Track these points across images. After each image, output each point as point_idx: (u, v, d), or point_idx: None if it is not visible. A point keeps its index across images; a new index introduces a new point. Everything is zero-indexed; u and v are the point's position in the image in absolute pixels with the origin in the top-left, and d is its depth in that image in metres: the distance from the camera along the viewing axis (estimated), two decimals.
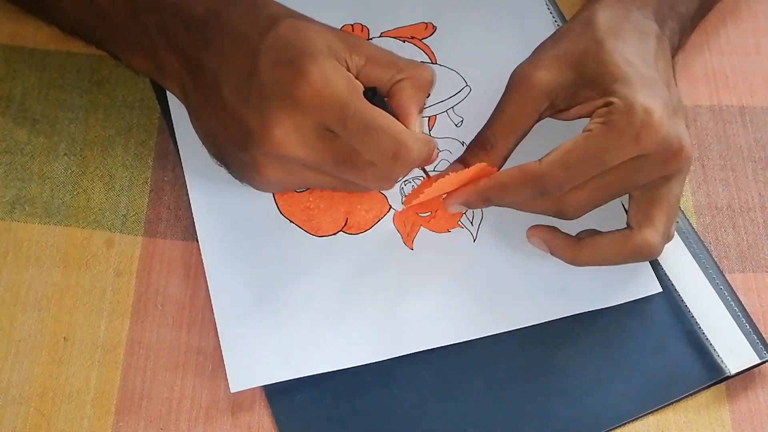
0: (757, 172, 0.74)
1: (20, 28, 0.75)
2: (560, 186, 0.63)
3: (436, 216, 0.69)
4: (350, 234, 0.69)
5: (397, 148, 0.60)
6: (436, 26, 0.75)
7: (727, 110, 0.76)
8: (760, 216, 0.72)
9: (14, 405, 0.64)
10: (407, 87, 0.64)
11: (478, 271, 0.68)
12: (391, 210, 0.70)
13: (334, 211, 0.69)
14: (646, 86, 0.63)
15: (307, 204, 0.69)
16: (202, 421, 0.64)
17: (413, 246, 0.69)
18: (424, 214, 0.69)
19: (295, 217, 0.69)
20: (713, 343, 0.67)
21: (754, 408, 0.66)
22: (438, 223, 0.69)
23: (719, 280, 0.69)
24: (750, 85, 0.77)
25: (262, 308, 0.66)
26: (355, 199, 0.69)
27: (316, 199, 0.69)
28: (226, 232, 0.68)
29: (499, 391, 0.65)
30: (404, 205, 0.69)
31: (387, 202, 0.70)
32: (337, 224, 0.69)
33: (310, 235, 0.68)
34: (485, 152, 0.66)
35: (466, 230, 0.69)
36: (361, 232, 0.69)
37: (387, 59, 0.64)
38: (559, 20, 0.76)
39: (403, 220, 0.69)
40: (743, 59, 0.78)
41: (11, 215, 0.69)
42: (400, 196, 0.70)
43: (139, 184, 0.71)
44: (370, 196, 0.70)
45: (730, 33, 0.79)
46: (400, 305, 0.67)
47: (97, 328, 0.66)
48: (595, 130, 0.62)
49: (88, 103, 0.73)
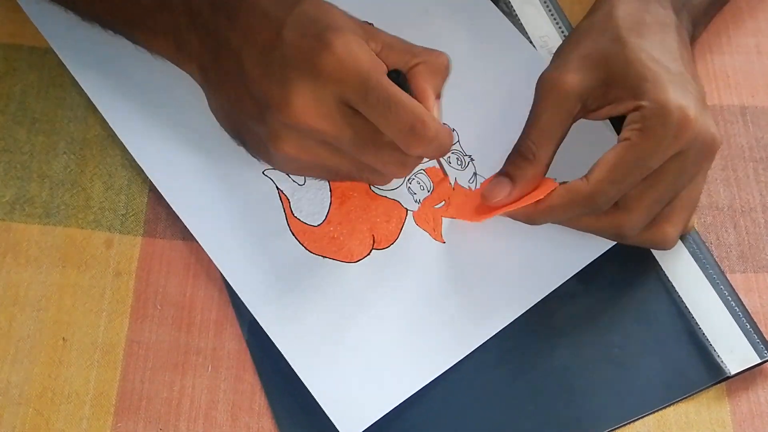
0: (759, 172, 0.74)
1: (20, 26, 0.75)
2: (610, 201, 0.63)
3: (450, 203, 0.70)
4: (382, 249, 0.68)
5: (414, 122, 0.59)
6: None
7: (728, 110, 0.76)
8: (761, 216, 0.72)
9: (13, 405, 0.64)
10: (424, 71, 0.64)
11: (507, 244, 0.69)
12: (408, 213, 0.70)
13: (358, 232, 0.68)
14: (675, 83, 0.63)
15: (331, 234, 0.68)
16: (202, 421, 0.64)
17: (444, 239, 0.69)
18: (439, 206, 0.70)
19: (325, 251, 0.68)
20: (713, 343, 0.67)
21: (754, 408, 0.66)
22: (456, 208, 0.70)
23: (719, 279, 0.69)
24: (751, 85, 0.77)
25: (336, 351, 0.65)
26: (373, 214, 0.69)
27: (336, 227, 0.68)
28: (266, 287, 0.66)
29: (500, 391, 0.65)
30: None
31: (402, 205, 0.70)
32: (367, 244, 0.68)
33: (347, 263, 0.68)
34: (528, 162, 0.65)
35: None
36: (392, 244, 0.68)
37: (402, 45, 0.64)
38: (557, 14, 0.76)
39: (423, 217, 0.69)
40: (744, 59, 0.78)
41: (11, 215, 0.69)
42: (411, 197, 0.70)
43: (139, 184, 0.70)
44: (385, 207, 0.69)
45: (730, 33, 0.79)
46: (455, 300, 0.67)
47: (96, 329, 0.66)
48: (634, 138, 0.62)
49: (88, 102, 0.73)
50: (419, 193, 0.70)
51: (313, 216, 0.69)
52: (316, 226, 0.69)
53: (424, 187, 0.70)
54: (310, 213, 0.69)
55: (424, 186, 0.70)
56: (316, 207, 0.69)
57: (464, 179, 0.70)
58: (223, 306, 0.67)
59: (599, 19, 0.67)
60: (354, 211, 0.69)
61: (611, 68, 0.64)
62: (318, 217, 0.69)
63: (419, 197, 0.70)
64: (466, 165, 0.71)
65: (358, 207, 0.69)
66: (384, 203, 0.70)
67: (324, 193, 0.70)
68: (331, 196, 0.70)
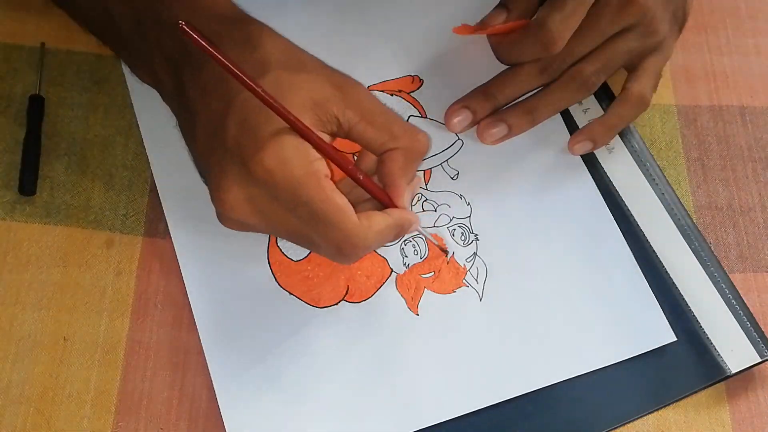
0: (758, 172, 0.74)
1: (20, 26, 0.75)
2: (559, 37, 0.67)
3: (439, 276, 0.68)
4: (353, 303, 0.67)
5: (340, 244, 0.58)
6: (423, 79, 0.74)
7: (727, 110, 0.76)
8: (761, 216, 0.72)
9: (14, 405, 0.64)
10: (399, 158, 0.61)
11: (487, 332, 0.66)
12: (392, 274, 0.68)
13: (333, 279, 0.67)
14: None
15: (306, 274, 0.67)
16: (202, 421, 0.64)
17: (419, 311, 0.67)
18: (427, 275, 0.68)
19: (294, 288, 0.67)
20: (713, 341, 0.67)
21: (754, 408, 0.66)
22: (442, 283, 0.68)
23: (721, 278, 0.69)
24: (750, 85, 0.77)
25: (265, 386, 0.64)
26: (355, 266, 0.67)
27: (314, 267, 0.67)
28: (223, 307, 0.66)
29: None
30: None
31: (388, 265, 0.68)
32: (338, 293, 0.67)
33: (312, 307, 0.66)
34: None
35: (471, 289, 0.67)
36: (364, 300, 0.67)
37: (382, 121, 0.61)
38: None
39: (406, 283, 0.67)
40: (743, 59, 0.78)
41: (11, 215, 0.69)
42: (401, 258, 0.68)
43: (139, 184, 0.70)
44: (370, 261, 0.68)
45: (729, 33, 0.79)
46: (410, 376, 0.64)
47: (97, 328, 0.66)
48: None
49: (88, 102, 0.73)
50: (411, 257, 0.68)
51: (295, 250, 0.67)
52: (294, 261, 0.67)
53: (418, 252, 0.68)
54: (293, 246, 0.65)
55: (419, 252, 0.68)
56: None
57: (462, 256, 0.68)
58: None
59: None
60: None
61: None
62: (299, 252, 0.67)
63: (409, 262, 0.68)
64: (469, 242, 0.69)
65: None
66: (370, 258, 0.68)
67: None
68: None
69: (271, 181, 0.56)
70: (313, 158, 0.58)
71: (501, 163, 0.71)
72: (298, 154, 0.57)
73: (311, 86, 0.59)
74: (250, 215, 0.59)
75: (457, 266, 0.68)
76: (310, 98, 0.59)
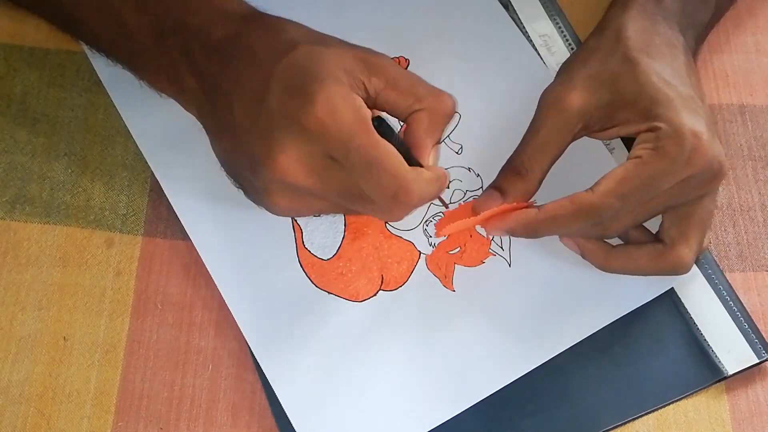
0: (757, 171, 0.74)
1: (20, 26, 0.75)
2: (615, 215, 0.62)
3: (466, 250, 0.68)
4: (390, 291, 0.67)
5: (397, 190, 0.58)
6: (408, 59, 0.74)
7: (727, 109, 0.76)
8: (760, 215, 0.72)
9: (14, 405, 0.64)
10: (424, 118, 0.62)
11: (522, 297, 0.67)
12: (421, 256, 0.68)
13: (366, 271, 0.68)
14: (687, 107, 0.62)
15: (339, 270, 0.68)
16: (202, 421, 0.64)
17: (454, 287, 0.67)
18: (453, 251, 0.68)
19: (330, 287, 0.67)
20: (711, 343, 0.67)
21: (753, 407, 0.66)
22: (470, 256, 0.68)
23: (718, 279, 0.69)
24: (750, 84, 0.77)
25: (323, 384, 0.64)
26: (384, 254, 0.68)
27: (346, 263, 0.68)
28: (267, 314, 0.66)
29: (500, 391, 0.65)
30: (436, 236, 0.68)
31: (416, 248, 0.68)
32: (374, 284, 0.67)
33: (352, 302, 0.67)
34: (521, 177, 0.64)
35: (499, 257, 0.68)
36: (400, 286, 0.67)
37: (407, 84, 0.61)
38: (558, 19, 0.76)
39: (437, 262, 0.68)
40: (743, 58, 0.78)
41: (11, 215, 0.69)
42: (426, 240, 0.69)
43: (139, 184, 0.70)
44: (398, 248, 0.68)
45: (729, 32, 0.79)
46: (459, 351, 0.65)
47: (96, 328, 0.66)
48: (645, 156, 0.61)
49: (88, 103, 0.73)
50: (435, 237, 0.69)
51: (324, 249, 0.68)
52: (325, 260, 0.68)
53: None
54: (321, 246, 0.68)
55: None
56: (328, 240, 0.68)
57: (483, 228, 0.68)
58: (223, 306, 0.67)
59: (608, 38, 0.66)
60: (366, 248, 0.68)
61: (620, 89, 0.63)
62: (329, 250, 0.68)
63: (434, 241, 0.69)
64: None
65: (370, 245, 0.68)
66: (397, 243, 0.69)
67: (338, 227, 0.69)
68: (345, 230, 0.69)
69: (323, 132, 0.57)
70: (360, 105, 0.59)
71: (503, 129, 0.70)
72: (346, 103, 0.58)
73: (338, 58, 0.60)
74: (303, 176, 0.59)
75: (480, 238, 0.69)
76: (340, 67, 0.60)
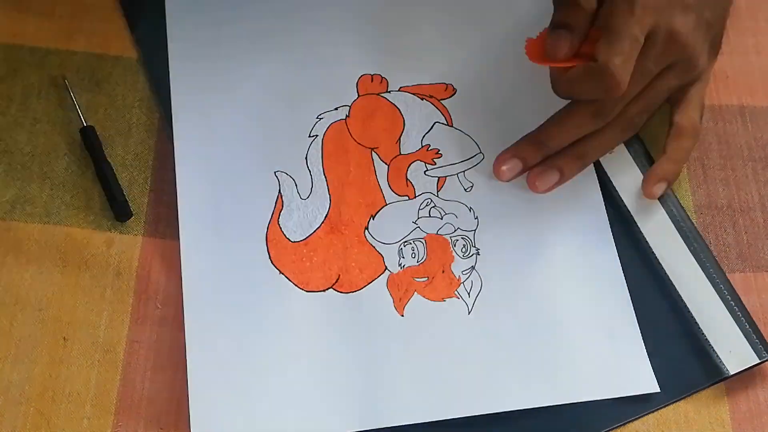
0: (757, 171, 0.74)
1: (20, 26, 0.75)
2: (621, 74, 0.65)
3: (432, 282, 0.68)
4: (340, 292, 0.67)
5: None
6: (456, 89, 0.74)
7: (727, 110, 0.76)
8: (760, 215, 0.72)
9: (14, 404, 0.64)
10: None
11: (469, 346, 0.66)
12: (386, 272, 0.68)
13: (326, 266, 0.67)
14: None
15: (300, 256, 0.67)
16: None
17: (404, 312, 0.67)
18: (420, 279, 0.68)
19: (285, 268, 0.67)
20: (712, 343, 0.67)
21: (754, 407, 0.66)
22: (434, 290, 0.67)
23: (720, 279, 0.69)
24: (750, 85, 0.77)
25: (238, 358, 0.64)
26: (351, 257, 0.68)
27: (309, 251, 0.68)
28: (213, 275, 0.66)
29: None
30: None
31: (383, 262, 0.68)
32: (328, 280, 0.67)
33: (299, 289, 0.67)
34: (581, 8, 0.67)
35: (461, 301, 0.67)
36: (352, 292, 0.67)
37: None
38: None
39: (398, 283, 0.67)
40: (743, 59, 0.78)
41: (11, 215, 0.69)
42: (397, 258, 0.68)
43: (140, 185, 0.71)
44: (367, 256, 0.68)
45: (730, 33, 0.78)
46: (382, 374, 0.64)
47: (96, 328, 0.66)
48: None
49: (88, 103, 0.73)
50: (407, 260, 0.68)
51: (296, 231, 0.68)
52: (291, 242, 0.68)
53: (416, 256, 0.68)
54: (295, 227, 0.68)
55: (416, 255, 0.68)
56: (303, 224, 0.69)
57: (459, 268, 0.68)
58: None
59: None
60: (336, 245, 0.68)
61: None
62: (300, 234, 0.68)
63: (404, 263, 0.68)
64: (468, 255, 0.69)
65: (341, 243, 0.68)
66: (368, 252, 0.68)
67: (318, 217, 0.69)
68: (323, 221, 0.69)
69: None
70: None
71: (517, 184, 0.71)
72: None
73: None
74: None
75: (452, 276, 0.68)
76: None
